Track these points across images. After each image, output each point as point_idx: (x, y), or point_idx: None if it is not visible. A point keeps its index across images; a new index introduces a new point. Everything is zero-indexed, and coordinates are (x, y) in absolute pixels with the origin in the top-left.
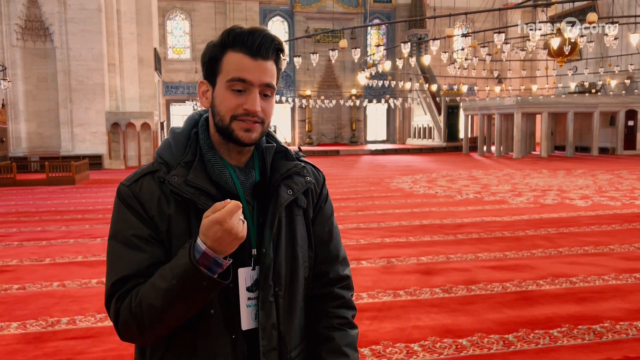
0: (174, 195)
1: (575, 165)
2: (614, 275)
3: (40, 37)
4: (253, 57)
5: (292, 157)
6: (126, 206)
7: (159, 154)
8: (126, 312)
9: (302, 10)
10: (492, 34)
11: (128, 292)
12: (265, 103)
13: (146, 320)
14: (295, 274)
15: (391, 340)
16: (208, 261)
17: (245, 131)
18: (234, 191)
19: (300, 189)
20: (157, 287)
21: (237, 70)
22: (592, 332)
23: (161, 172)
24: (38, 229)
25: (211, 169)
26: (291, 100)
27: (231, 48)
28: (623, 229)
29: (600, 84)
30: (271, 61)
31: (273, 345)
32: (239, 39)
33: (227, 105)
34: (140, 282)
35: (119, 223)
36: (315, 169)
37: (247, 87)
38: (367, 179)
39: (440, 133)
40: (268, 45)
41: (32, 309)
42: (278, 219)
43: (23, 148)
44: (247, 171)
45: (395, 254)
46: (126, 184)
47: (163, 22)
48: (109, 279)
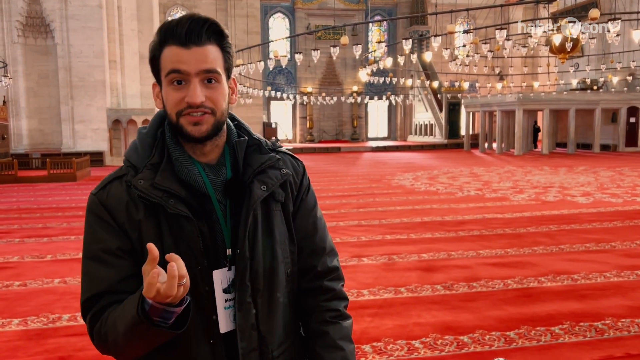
0: (142, 200)
1: (577, 162)
2: (616, 273)
3: (41, 34)
4: (185, 46)
5: (266, 150)
6: (95, 216)
7: (126, 156)
8: (98, 337)
9: (303, 6)
10: (493, 31)
11: (101, 312)
12: (211, 91)
13: (114, 352)
14: (275, 271)
15: (392, 337)
16: (159, 312)
17: (193, 125)
18: (204, 190)
19: (276, 183)
20: (117, 328)
21: (171, 63)
22: (593, 329)
23: (128, 175)
24: (39, 226)
25: (179, 169)
26: (292, 97)
27: (166, 43)
28: (625, 225)
29: (602, 80)
30: (209, 45)
31: (253, 346)
32: (170, 31)
33: (171, 102)
34: (112, 299)
35: (88, 237)
36: (293, 158)
37: (185, 77)
38: (368, 176)
39: (442, 130)
40: (199, 30)
41: (33, 305)
42: (253, 216)
43: (24, 145)
44: (218, 168)
45: (396, 250)
46: (94, 192)
47: (164, 19)
48: (82, 295)
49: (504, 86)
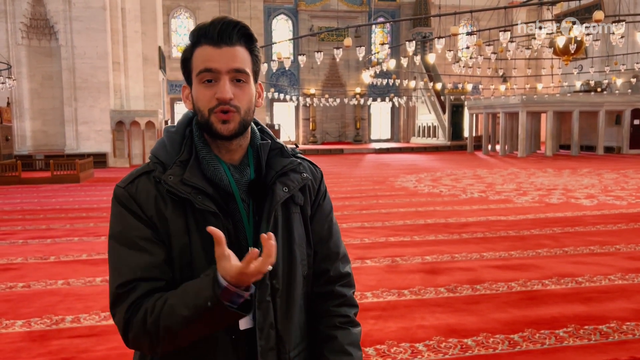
0: (170, 195)
1: (581, 165)
2: (620, 275)
3: (45, 36)
4: (217, 45)
5: (288, 154)
6: (124, 207)
7: (154, 153)
8: (139, 327)
9: (307, 8)
10: (497, 33)
11: (140, 302)
12: (239, 90)
13: (162, 340)
14: (293, 272)
15: (396, 339)
16: (230, 295)
17: (222, 123)
18: (229, 189)
19: (297, 186)
20: (178, 313)
21: (203, 62)
22: (598, 332)
23: (157, 172)
24: (43, 227)
25: (206, 167)
26: (295, 99)
27: (198, 44)
28: (629, 228)
29: (605, 82)
30: (239, 47)
31: (271, 345)
32: (202, 32)
33: (202, 99)
34: (149, 287)
35: (119, 224)
36: (312, 165)
37: (216, 76)
38: (371, 177)
39: (445, 132)
40: (231, 31)
41: (37, 307)
42: (274, 217)
43: (28, 146)
44: (242, 169)
45: (400, 253)
46: (122, 185)
47: (167, 21)
48: (113, 282)
49: (508, 88)
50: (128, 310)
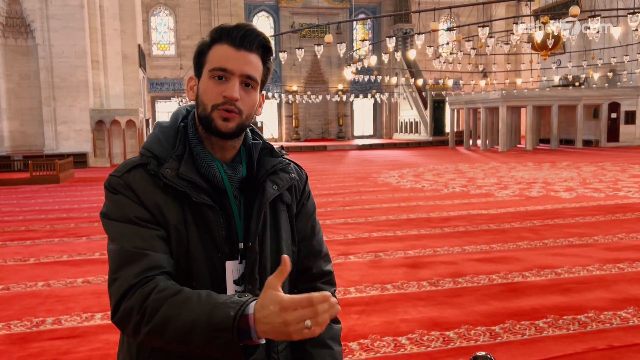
0: (167, 188)
1: (560, 158)
2: (598, 266)
3: (22, 34)
4: (236, 47)
5: (278, 154)
6: (122, 194)
7: (147, 147)
8: (139, 299)
9: (287, 5)
10: (476, 28)
11: (152, 275)
12: (245, 93)
13: (151, 327)
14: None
15: (379, 333)
16: (244, 326)
17: (223, 120)
18: (222, 185)
19: (285, 185)
20: (188, 308)
21: (219, 60)
22: (577, 322)
23: (151, 165)
24: (22, 229)
25: (200, 163)
26: (277, 96)
27: (218, 41)
28: (607, 220)
29: (583, 77)
30: (255, 55)
31: None
32: (225, 32)
33: (209, 93)
34: (159, 259)
35: (118, 207)
36: (298, 167)
37: (228, 75)
38: (354, 174)
39: (427, 127)
40: (252, 38)
41: (17, 309)
42: (263, 214)
43: (6, 147)
44: (235, 166)
45: (383, 248)
46: (117, 174)
47: (147, 18)
48: (119, 250)
49: (488, 83)
50: (139, 274)
